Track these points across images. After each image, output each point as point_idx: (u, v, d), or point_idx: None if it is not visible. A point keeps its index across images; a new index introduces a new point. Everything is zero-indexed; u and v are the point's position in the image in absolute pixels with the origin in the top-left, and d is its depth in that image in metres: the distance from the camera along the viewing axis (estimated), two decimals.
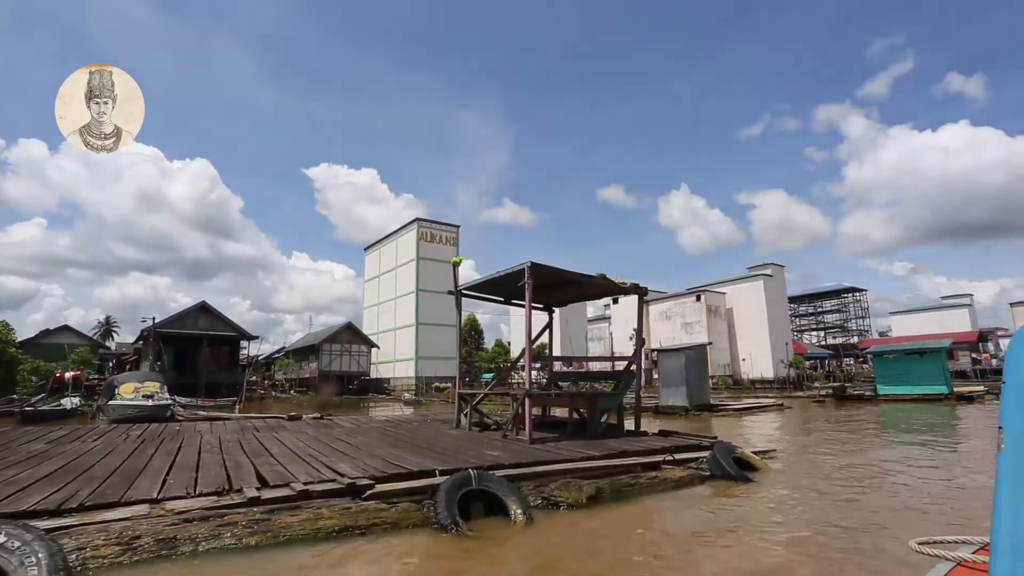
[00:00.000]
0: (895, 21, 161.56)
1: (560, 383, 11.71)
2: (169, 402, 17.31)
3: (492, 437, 8.91)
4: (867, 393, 26.24)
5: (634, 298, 10.01)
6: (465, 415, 10.37)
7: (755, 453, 7.75)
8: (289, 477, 5.49)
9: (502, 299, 11.35)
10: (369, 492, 5.09)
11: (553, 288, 10.23)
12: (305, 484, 5.11)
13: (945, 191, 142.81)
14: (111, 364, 48.03)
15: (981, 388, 27.36)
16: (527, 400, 8.21)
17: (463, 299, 10.73)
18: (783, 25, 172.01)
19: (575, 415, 9.88)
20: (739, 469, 6.52)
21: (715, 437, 8.74)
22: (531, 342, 8.73)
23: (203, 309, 42.75)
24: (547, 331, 11.61)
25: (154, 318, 38.06)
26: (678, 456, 7.28)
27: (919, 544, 1.96)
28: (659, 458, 7.16)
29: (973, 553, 1.81)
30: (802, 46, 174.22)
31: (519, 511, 4.71)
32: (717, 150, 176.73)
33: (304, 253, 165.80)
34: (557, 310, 12.44)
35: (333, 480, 5.33)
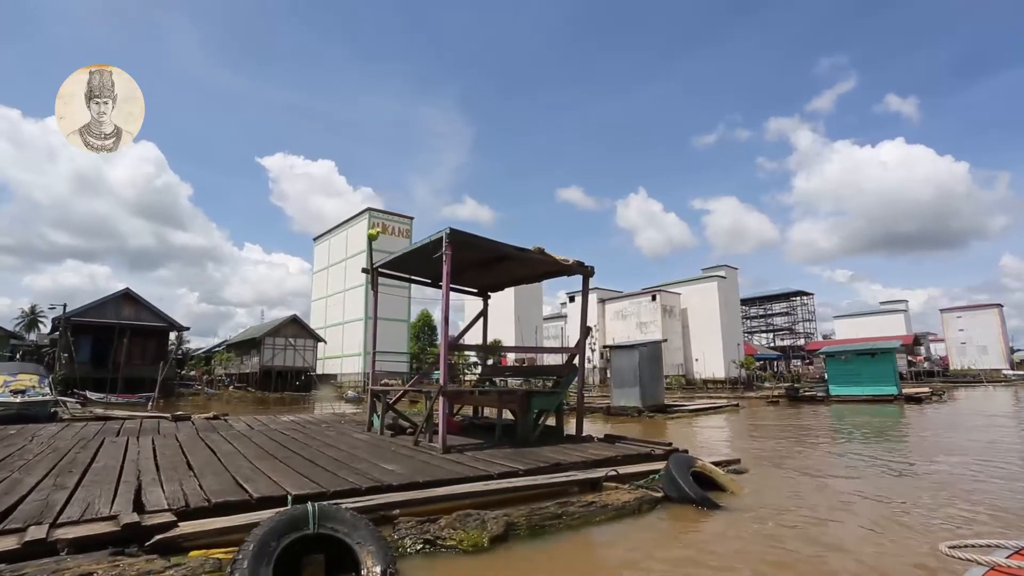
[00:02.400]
0: (838, 42, 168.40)
1: (495, 379, 10.10)
2: (47, 399, 14.73)
3: (403, 443, 7.25)
4: (819, 394, 25.87)
5: (590, 296, 8.55)
6: (378, 415, 8.66)
7: (718, 464, 6.37)
8: (53, 512, 3.68)
9: (428, 281, 9.67)
10: (160, 537, 3.37)
11: (486, 267, 8.63)
12: (51, 525, 3.33)
13: (882, 203, 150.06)
14: (19, 355, 43.43)
15: (927, 389, 27.51)
16: (441, 398, 6.57)
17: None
18: (740, 39, 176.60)
19: (507, 416, 8.34)
20: (700, 490, 5.08)
21: (670, 444, 7.35)
22: (451, 330, 7.10)
23: (126, 297, 39.11)
24: (481, 319, 10.00)
25: (64, 305, 34.27)
26: (624, 471, 5.81)
27: (950, 548, 1.83)
28: (600, 473, 5.68)
29: (1007, 557, 1.72)
30: (757, 60, 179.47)
31: (376, 568, 3.08)
32: (674, 156, 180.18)
33: (257, 245, 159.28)
34: (495, 296, 10.86)
35: (112, 517, 3.56)
